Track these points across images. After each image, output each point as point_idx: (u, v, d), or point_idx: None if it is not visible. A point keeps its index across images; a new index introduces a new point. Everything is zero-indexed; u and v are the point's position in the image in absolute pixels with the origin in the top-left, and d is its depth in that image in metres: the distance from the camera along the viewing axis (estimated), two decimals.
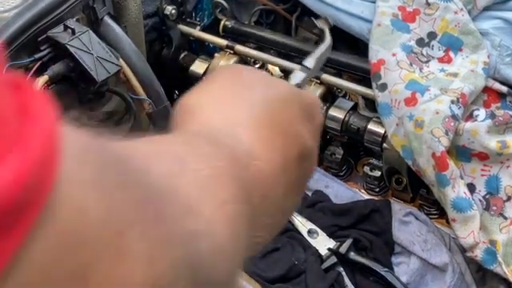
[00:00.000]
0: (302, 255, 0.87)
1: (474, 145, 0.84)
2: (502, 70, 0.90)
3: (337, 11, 0.99)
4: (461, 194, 0.83)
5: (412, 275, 0.87)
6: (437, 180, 0.83)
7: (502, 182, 0.85)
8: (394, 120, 0.87)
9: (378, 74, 0.90)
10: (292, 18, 1.10)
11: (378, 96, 0.89)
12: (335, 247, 0.88)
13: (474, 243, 0.83)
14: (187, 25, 1.09)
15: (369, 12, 0.96)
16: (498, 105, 0.89)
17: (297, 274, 0.86)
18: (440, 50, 0.93)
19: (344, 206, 0.93)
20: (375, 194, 0.97)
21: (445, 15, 0.93)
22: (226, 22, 1.08)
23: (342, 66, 0.99)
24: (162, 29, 1.07)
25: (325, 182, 0.97)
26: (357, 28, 0.97)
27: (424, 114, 0.83)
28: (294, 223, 0.92)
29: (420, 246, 0.88)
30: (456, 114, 0.84)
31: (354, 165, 1.01)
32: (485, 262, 0.83)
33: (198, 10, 1.12)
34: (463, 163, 0.86)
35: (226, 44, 1.04)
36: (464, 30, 0.92)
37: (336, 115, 0.94)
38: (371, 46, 0.92)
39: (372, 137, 0.91)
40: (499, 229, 0.84)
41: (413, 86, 0.87)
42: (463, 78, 0.88)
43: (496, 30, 0.92)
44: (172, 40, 1.07)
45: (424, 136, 0.83)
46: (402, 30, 0.93)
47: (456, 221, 0.83)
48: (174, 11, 1.05)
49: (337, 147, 0.98)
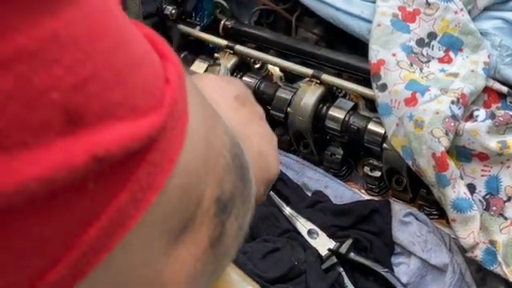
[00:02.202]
0: (301, 255, 0.87)
1: (474, 145, 0.84)
2: (503, 70, 0.89)
3: (337, 11, 0.99)
4: (461, 194, 0.83)
5: (412, 275, 0.87)
6: (437, 180, 0.83)
7: (502, 182, 0.85)
8: (394, 120, 0.87)
9: (377, 75, 0.90)
10: (292, 18, 1.10)
11: (378, 96, 0.89)
12: (335, 247, 0.88)
13: (474, 243, 0.82)
14: (187, 25, 1.09)
15: (369, 12, 0.96)
16: (498, 105, 0.88)
17: (297, 274, 0.86)
18: (440, 50, 0.93)
19: (344, 206, 0.93)
20: (375, 194, 0.97)
21: (445, 15, 0.93)
22: (225, 22, 1.08)
23: (342, 66, 0.99)
24: (161, 29, 1.07)
25: (325, 183, 0.97)
26: (357, 28, 0.97)
27: (424, 115, 0.83)
28: (294, 223, 0.92)
29: (420, 247, 0.87)
30: (456, 114, 0.84)
31: (353, 165, 1.01)
32: (485, 263, 0.83)
33: (198, 9, 1.12)
34: (463, 163, 0.86)
35: (226, 44, 1.03)
36: (464, 30, 0.92)
37: (336, 115, 0.94)
38: (371, 46, 0.92)
39: (372, 137, 0.91)
40: (499, 229, 0.84)
41: (413, 87, 0.86)
42: (463, 78, 0.88)
43: (496, 30, 0.92)
44: (172, 40, 1.07)
45: (424, 136, 0.82)
46: (402, 30, 0.93)
47: (456, 221, 0.83)
48: (174, 11, 1.05)
49: (337, 147, 0.98)
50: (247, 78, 1.01)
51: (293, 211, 0.93)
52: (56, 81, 0.22)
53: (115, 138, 0.24)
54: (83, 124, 0.23)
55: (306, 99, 0.95)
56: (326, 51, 1.01)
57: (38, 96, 0.22)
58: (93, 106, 0.23)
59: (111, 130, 0.24)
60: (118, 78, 0.25)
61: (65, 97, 0.22)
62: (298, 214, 0.92)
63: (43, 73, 0.22)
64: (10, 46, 0.21)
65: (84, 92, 0.23)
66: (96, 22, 0.24)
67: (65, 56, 0.23)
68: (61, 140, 0.22)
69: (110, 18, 0.26)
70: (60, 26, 0.23)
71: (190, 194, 0.30)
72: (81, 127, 0.23)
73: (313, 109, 0.94)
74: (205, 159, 0.31)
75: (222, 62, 1.01)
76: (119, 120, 0.24)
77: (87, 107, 0.23)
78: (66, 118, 0.22)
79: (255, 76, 1.02)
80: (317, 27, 1.10)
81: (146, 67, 0.27)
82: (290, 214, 0.93)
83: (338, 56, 1.00)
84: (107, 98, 0.24)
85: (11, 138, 0.21)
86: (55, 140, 0.22)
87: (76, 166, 0.22)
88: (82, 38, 0.24)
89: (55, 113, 0.22)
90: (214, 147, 0.33)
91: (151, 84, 0.27)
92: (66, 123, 0.22)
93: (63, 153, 0.22)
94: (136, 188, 0.25)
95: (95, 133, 0.23)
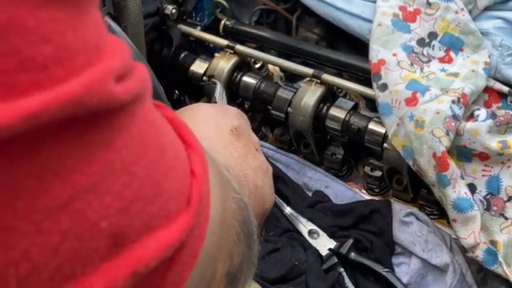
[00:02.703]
0: (302, 256, 0.87)
1: (474, 145, 0.84)
2: (503, 69, 0.89)
3: (337, 11, 0.99)
4: (461, 194, 0.82)
5: (413, 276, 0.87)
6: (437, 180, 0.83)
7: (502, 182, 0.85)
8: (395, 120, 0.86)
9: (378, 74, 0.90)
10: (292, 18, 1.09)
11: (379, 96, 0.89)
12: (336, 247, 0.88)
13: (475, 243, 0.82)
14: (187, 25, 1.08)
15: (369, 12, 0.96)
16: (498, 105, 0.88)
17: (297, 274, 0.85)
18: (441, 50, 0.93)
19: (344, 206, 0.93)
20: (376, 194, 0.96)
21: (445, 15, 0.93)
22: (226, 21, 1.08)
23: (343, 66, 0.99)
24: (162, 29, 1.06)
25: (325, 183, 0.97)
26: (357, 28, 0.97)
27: (425, 114, 0.83)
28: (295, 224, 0.92)
29: (421, 247, 0.87)
30: (457, 114, 0.84)
31: (354, 165, 1.01)
32: (485, 263, 0.83)
33: (198, 9, 1.12)
34: (464, 163, 0.85)
35: (227, 44, 1.03)
36: (465, 29, 0.92)
37: (336, 115, 0.94)
38: (372, 46, 0.92)
39: (372, 137, 0.91)
40: (500, 229, 0.84)
41: (413, 86, 0.86)
42: (464, 78, 0.88)
43: (497, 30, 0.92)
44: (172, 40, 1.07)
45: (425, 136, 0.82)
46: (402, 30, 0.93)
47: (457, 221, 0.83)
48: (174, 11, 1.05)
49: (337, 147, 0.98)
50: (247, 78, 1.01)
51: (293, 211, 0.93)
52: (106, 209, 0.23)
53: (152, 251, 0.24)
54: (125, 244, 0.23)
55: (306, 99, 0.95)
56: (326, 51, 1.01)
57: (89, 228, 0.22)
58: (135, 224, 0.24)
59: (148, 243, 0.24)
60: (156, 191, 0.25)
61: (112, 223, 0.23)
62: (298, 214, 0.92)
63: (97, 204, 0.22)
64: (69, 187, 0.21)
65: (129, 214, 0.23)
66: (141, 140, 0.25)
67: (116, 183, 0.23)
68: (105, 263, 0.23)
69: (152, 129, 0.26)
70: (113, 155, 0.23)
71: (205, 277, 0.31)
72: (123, 247, 0.23)
73: (313, 109, 0.94)
74: (219, 239, 0.32)
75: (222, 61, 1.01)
76: (155, 231, 0.24)
77: (130, 227, 0.23)
78: (112, 242, 0.23)
79: (255, 76, 1.02)
80: (317, 27, 1.10)
81: (177, 169, 0.27)
82: (290, 214, 0.92)
83: (339, 56, 0.99)
84: (147, 214, 0.24)
85: (62, 274, 0.21)
86: (100, 265, 0.22)
87: (117, 287, 0.23)
88: (130, 161, 0.24)
89: (103, 240, 0.22)
90: (226, 223, 0.33)
91: (182, 185, 0.27)
92: (111, 247, 0.23)
93: (106, 277, 0.22)
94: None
95: (135, 249, 0.23)
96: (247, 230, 0.37)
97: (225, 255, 0.33)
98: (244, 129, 0.57)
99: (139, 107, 0.25)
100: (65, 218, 0.21)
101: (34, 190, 0.21)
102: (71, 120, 0.21)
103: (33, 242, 0.21)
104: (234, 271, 0.35)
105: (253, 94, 1.00)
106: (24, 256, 0.21)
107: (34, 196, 0.21)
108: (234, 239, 0.34)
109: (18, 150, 0.21)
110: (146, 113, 0.26)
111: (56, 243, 0.21)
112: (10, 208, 0.21)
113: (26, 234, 0.21)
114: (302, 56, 1.03)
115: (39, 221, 0.21)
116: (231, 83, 1.01)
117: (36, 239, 0.21)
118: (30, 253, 0.21)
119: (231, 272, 0.34)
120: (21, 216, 0.21)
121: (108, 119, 0.23)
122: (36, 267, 0.21)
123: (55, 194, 0.21)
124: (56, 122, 0.21)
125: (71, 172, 0.22)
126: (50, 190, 0.21)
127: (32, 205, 0.21)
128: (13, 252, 0.21)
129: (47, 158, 0.21)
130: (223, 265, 0.33)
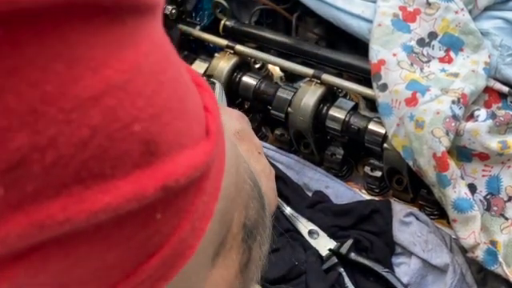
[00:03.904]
0: (302, 256, 0.87)
1: (474, 145, 0.84)
2: (503, 70, 0.89)
3: (337, 11, 0.99)
4: (461, 194, 0.82)
5: (413, 276, 0.87)
6: (437, 180, 0.83)
7: (502, 182, 0.85)
8: (395, 120, 0.86)
9: (378, 74, 0.90)
10: (292, 18, 1.09)
11: (379, 96, 0.89)
12: (336, 248, 0.88)
13: (475, 244, 0.82)
14: (187, 25, 1.08)
15: (369, 12, 0.96)
16: (498, 105, 0.88)
17: (297, 274, 0.85)
18: (441, 50, 0.93)
19: (344, 206, 0.93)
20: (376, 194, 0.96)
21: (445, 15, 0.93)
22: (226, 21, 1.08)
23: (343, 66, 0.99)
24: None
25: (325, 183, 0.97)
26: (357, 28, 0.97)
27: (424, 115, 0.83)
28: (295, 224, 0.92)
29: (421, 247, 0.87)
30: (457, 114, 0.84)
31: (354, 165, 1.01)
32: (486, 263, 0.83)
33: (198, 9, 1.12)
34: (464, 163, 0.85)
35: (226, 44, 1.03)
36: (465, 29, 0.92)
37: (336, 115, 0.94)
38: (371, 46, 0.92)
39: (372, 137, 0.91)
40: (500, 229, 0.84)
41: (413, 86, 0.86)
42: (464, 78, 0.88)
43: (497, 30, 0.92)
44: (172, 40, 1.06)
45: (425, 136, 0.82)
46: (402, 30, 0.93)
47: (457, 221, 0.83)
48: (173, 11, 1.05)
49: (337, 147, 0.98)
50: (247, 78, 1.01)
51: (293, 211, 0.93)
52: (139, 112, 0.22)
53: (182, 167, 0.24)
54: (158, 154, 0.23)
55: (306, 99, 0.94)
56: (326, 51, 1.01)
57: (121, 129, 0.22)
58: (166, 135, 0.23)
59: (179, 159, 0.24)
60: (182, 107, 0.25)
61: (145, 128, 0.22)
62: (298, 214, 0.92)
63: (129, 105, 0.22)
64: (100, 80, 0.21)
65: (160, 122, 0.23)
66: (163, 53, 0.25)
67: (147, 87, 0.23)
68: (136, 170, 0.22)
69: (169, 49, 0.26)
70: (141, 58, 0.23)
71: (225, 218, 0.31)
72: (156, 157, 0.23)
73: (313, 109, 0.94)
74: (235, 184, 0.32)
75: (222, 61, 1.01)
76: (184, 149, 0.24)
77: (162, 137, 0.23)
78: (145, 149, 0.23)
79: (255, 76, 1.02)
80: (317, 27, 1.10)
81: (195, 95, 0.27)
82: (290, 214, 0.92)
83: (339, 56, 0.99)
84: (177, 127, 0.24)
85: (90, 170, 0.21)
86: (132, 171, 0.22)
87: (146, 197, 0.22)
88: (157, 68, 0.24)
89: (135, 144, 0.22)
90: (240, 173, 0.34)
91: (200, 111, 0.27)
92: (144, 154, 0.23)
93: (136, 183, 0.22)
94: (195, 217, 0.25)
95: (166, 162, 0.23)
96: (259, 193, 0.37)
97: (240, 205, 0.33)
98: (246, 132, 0.57)
99: (157, 20, 0.25)
100: (96, 113, 0.21)
101: (65, 77, 0.20)
102: (97, 7, 0.21)
103: (61, 131, 0.20)
104: (250, 226, 0.35)
105: (253, 94, 1.00)
106: (51, 143, 0.20)
107: (64, 82, 0.20)
108: (249, 193, 0.34)
109: (46, 24, 0.20)
110: (162, 30, 0.26)
111: (85, 137, 0.21)
112: (39, 90, 0.20)
113: (55, 122, 0.20)
114: (301, 56, 1.03)
115: (69, 110, 0.20)
116: (231, 83, 1.01)
117: (64, 129, 0.20)
118: (57, 141, 0.20)
119: (248, 226, 0.34)
120: (49, 100, 0.20)
121: (134, 18, 0.22)
122: (62, 157, 0.20)
123: (86, 84, 0.21)
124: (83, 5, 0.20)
125: (102, 65, 0.21)
126: (80, 79, 0.21)
127: (62, 91, 0.20)
128: (40, 137, 0.20)
129: (76, 44, 0.21)
130: (239, 215, 0.33)
